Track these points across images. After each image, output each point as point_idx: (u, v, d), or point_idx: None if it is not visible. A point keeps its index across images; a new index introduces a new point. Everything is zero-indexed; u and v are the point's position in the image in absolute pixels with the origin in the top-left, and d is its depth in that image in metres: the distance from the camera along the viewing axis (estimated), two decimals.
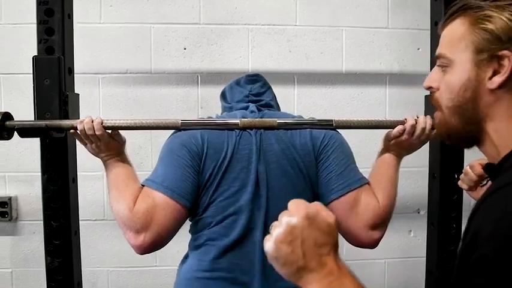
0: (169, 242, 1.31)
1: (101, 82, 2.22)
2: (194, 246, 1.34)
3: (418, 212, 2.38)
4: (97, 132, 1.34)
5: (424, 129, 1.40)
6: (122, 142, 1.44)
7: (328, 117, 1.43)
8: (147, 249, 1.25)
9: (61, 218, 1.53)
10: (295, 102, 2.28)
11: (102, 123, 1.35)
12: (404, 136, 1.40)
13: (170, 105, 2.24)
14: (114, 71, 2.22)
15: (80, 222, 1.66)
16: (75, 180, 1.60)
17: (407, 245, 2.41)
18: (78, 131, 1.37)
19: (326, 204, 1.31)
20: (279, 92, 1.97)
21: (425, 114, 1.55)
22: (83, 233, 1.68)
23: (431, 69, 1.73)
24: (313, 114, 1.49)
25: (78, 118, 1.54)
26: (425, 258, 1.83)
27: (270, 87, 1.54)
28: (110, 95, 2.22)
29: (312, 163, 1.32)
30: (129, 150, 1.49)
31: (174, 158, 1.28)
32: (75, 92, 1.61)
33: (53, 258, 1.54)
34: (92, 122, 1.35)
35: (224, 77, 2.18)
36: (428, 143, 1.58)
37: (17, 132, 1.41)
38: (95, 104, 2.20)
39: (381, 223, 1.32)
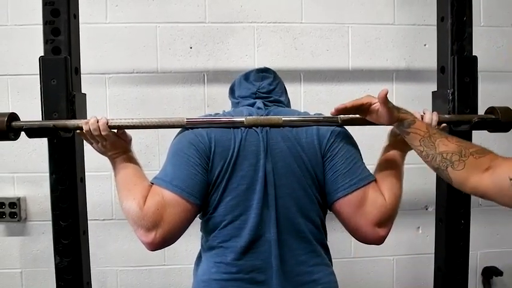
0: (178, 241, 1.30)
1: (107, 82, 2.22)
2: (208, 247, 1.34)
3: (426, 209, 2.37)
4: (102, 132, 1.35)
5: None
6: (128, 140, 1.44)
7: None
8: (157, 246, 1.25)
9: (69, 218, 1.53)
10: (301, 100, 2.28)
11: (107, 123, 1.36)
12: None
13: (177, 104, 2.24)
14: (121, 70, 2.22)
15: (88, 222, 1.67)
16: (83, 179, 1.60)
17: (415, 241, 2.40)
18: (84, 131, 1.37)
19: (332, 202, 1.32)
20: None
21: (433, 110, 1.54)
22: (91, 232, 1.68)
23: (438, 65, 1.75)
24: (320, 111, 1.48)
25: (86, 118, 1.54)
26: (433, 255, 1.82)
27: (279, 82, 1.53)
28: (117, 95, 2.23)
29: (319, 161, 1.31)
30: (136, 149, 1.49)
31: (183, 156, 1.28)
32: (82, 92, 1.61)
33: (62, 257, 1.54)
34: (98, 122, 1.35)
35: (230, 75, 2.16)
36: None
37: (24, 132, 1.42)
38: (102, 104, 2.21)
39: (387, 220, 1.30)
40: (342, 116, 1.39)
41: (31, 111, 1.57)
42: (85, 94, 1.62)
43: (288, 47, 2.27)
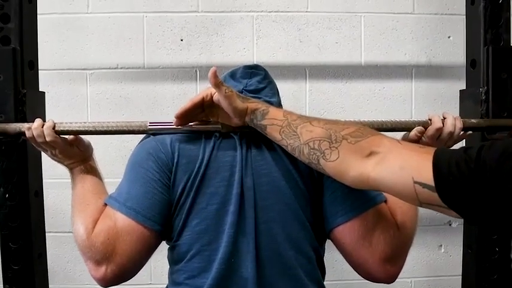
0: (164, 259, 1.15)
1: (88, 78, 2.06)
2: (173, 282, 1.13)
3: (450, 225, 2.16)
4: (47, 139, 1.14)
5: (451, 133, 1.18)
6: (84, 148, 1.23)
7: (344, 116, 1.26)
8: (110, 282, 1.05)
9: (20, 239, 1.33)
10: (307, 99, 2.09)
11: (53, 128, 1.16)
12: (426, 140, 1.18)
13: (166, 103, 2.07)
14: (103, 66, 2.06)
15: (66, 235, 1.50)
16: (38, 193, 1.40)
17: (437, 261, 2.18)
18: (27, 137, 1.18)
19: (331, 229, 1.08)
20: (288, 87, 1.80)
21: (460, 112, 1.38)
22: (68, 248, 1.51)
23: (467, 59, 1.53)
24: (327, 112, 1.28)
25: (44, 120, 1.32)
26: (457, 277, 1.62)
27: (271, 82, 1.29)
28: (99, 93, 2.06)
29: (313, 177, 1.09)
30: (120, 155, 1.33)
31: (139, 171, 1.07)
32: (57, 90, 1.46)
33: (11, 286, 1.34)
34: (42, 126, 1.16)
35: (226, 72, 1.97)
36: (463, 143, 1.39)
37: None
38: (82, 103, 2.05)
39: (400, 253, 1.07)
40: (342, 120, 1.16)
41: None
42: (43, 93, 1.42)
43: (291, 39, 2.09)
